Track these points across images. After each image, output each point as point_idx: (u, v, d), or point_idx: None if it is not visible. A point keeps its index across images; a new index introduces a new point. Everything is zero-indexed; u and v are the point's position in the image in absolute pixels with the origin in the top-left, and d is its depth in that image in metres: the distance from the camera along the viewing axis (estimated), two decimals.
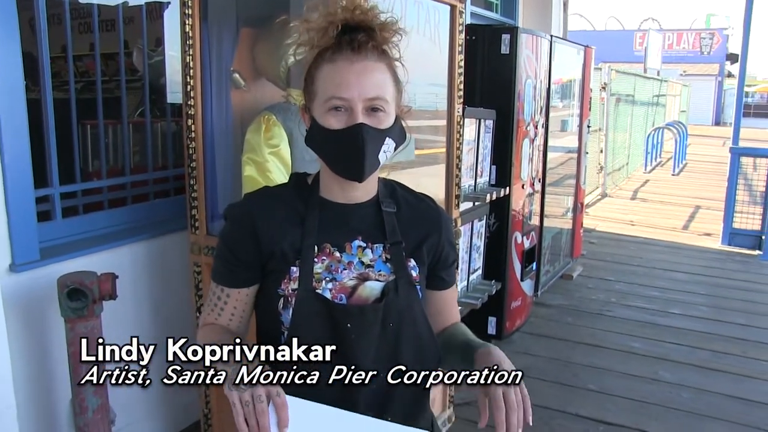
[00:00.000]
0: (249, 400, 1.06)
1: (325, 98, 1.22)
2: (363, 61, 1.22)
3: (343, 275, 1.28)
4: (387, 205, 1.34)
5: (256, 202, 1.33)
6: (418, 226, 1.36)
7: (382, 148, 1.25)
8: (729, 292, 5.48)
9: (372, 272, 1.29)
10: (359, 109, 1.21)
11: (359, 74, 1.21)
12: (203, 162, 2.52)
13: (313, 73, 1.26)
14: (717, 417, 3.35)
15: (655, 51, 17.56)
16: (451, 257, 1.43)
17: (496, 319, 4.16)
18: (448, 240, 1.42)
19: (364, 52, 1.22)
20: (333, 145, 1.23)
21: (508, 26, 4.80)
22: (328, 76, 1.23)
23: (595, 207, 9.06)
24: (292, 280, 1.26)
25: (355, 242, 1.30)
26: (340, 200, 1.32)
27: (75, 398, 2.34)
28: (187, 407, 3.01)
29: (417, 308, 1.31)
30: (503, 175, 4.03)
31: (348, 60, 1.21)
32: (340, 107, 1.21)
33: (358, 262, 1.29)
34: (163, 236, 2.90)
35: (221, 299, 1.34)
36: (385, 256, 1.31)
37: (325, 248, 1.28)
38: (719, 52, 31.27)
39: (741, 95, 7.01)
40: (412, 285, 1.31)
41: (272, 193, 1.37)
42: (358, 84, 1.21)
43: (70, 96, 2.71)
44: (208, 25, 2.52)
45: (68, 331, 2.29)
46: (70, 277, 2.26)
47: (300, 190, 1.34)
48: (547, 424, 3.24)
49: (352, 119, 1.21)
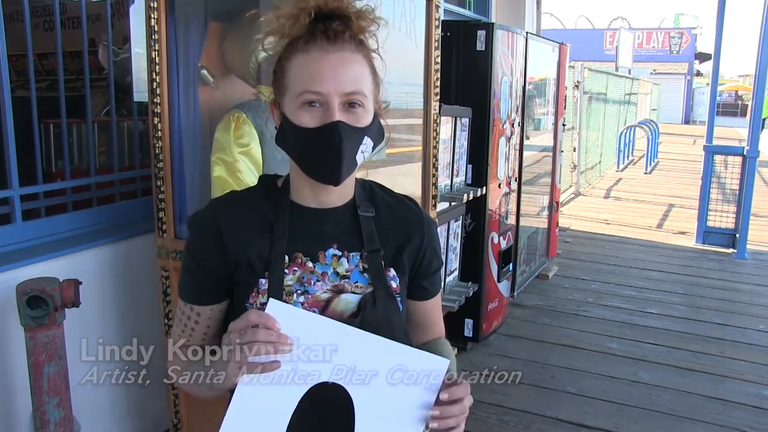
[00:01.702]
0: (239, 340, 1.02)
1: (298, 92, 1.11)
2: (339, 51, 1.11)
3: (316, 287, 1.17)
4: (364, 209, 1.23)
5: (220, 209, 1.22)
6: (398, 231, 1.26)
7: (360, 148, 1.14)
8: (705, 290, 5.49)
9: (348, 284, 1.19)
10: (335, 105, 1.10)
11: (335, 66, 1.10)
12: (170, 162, 2.42)
13: (284, 64, 1.15)
14: (697, 419, 3.32)
15: (626, 49, 17.71)
16: (434, 265, 1.33)
17: (472, 321, 4.09)
18: (431, 246, 1.30)
19: (341, 42, 1.12)
20: (306, 145, 1.12)
21: (484, 22, 4.74)
22: (301, 67, 1.11)
23: (569, 206, 9.08)
24: (260, 293, 1.15)
25: (329, 251, 1.20)
26: (312, 204, 1.21)
27: (36, 411, 2.23)
28: (155, 416, 2.91)
29: (396, 322, 1.21)
30: (479, 175, 3.97)
31: (323, 50, 1.11)
32: (314, 102, 1.10)
33: (332, 272, 1.19)
34: (130, 239, 2.79)
35: (191, 318, 1.22)
36: (362, 266, 1.20)
37: (296, 258, 1.18)
38: (688, 51, 31.67)
39: (714, 93, 7.04)
40: (392, 297, 1.21)
41: (239, 198, 1.26)
42: (334, 77, 1.10)
43: (31, 94, 2.59)
44: (175, 20, 2.42)
45: (28, 341, 2.17)
46: (30, 284, 2.15)
47: (269, 194, 1.23)
48: (526, 429, 3.19)
49: (328, 116, 1.10)
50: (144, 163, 3.04)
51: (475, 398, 3.58)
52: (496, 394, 3.50)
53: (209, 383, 1.09)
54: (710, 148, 6.89)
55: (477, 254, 4.09)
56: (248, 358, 1.00)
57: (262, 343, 1.00)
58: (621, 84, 14.16)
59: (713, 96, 7.02)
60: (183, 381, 1.20)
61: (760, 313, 4.96)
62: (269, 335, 1.01)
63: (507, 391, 3.56)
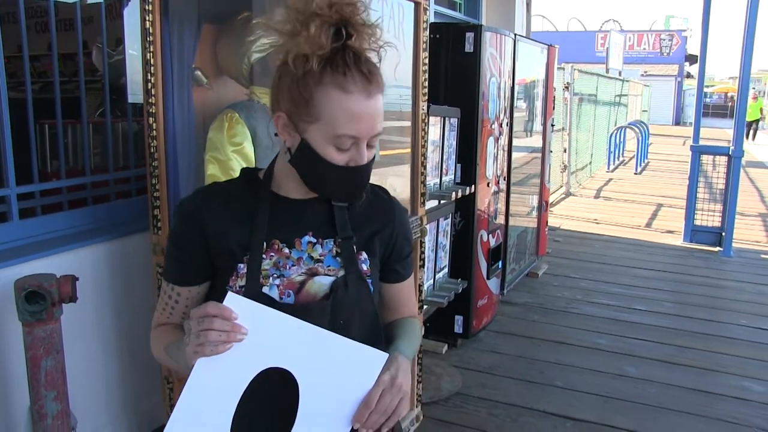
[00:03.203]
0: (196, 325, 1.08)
1: (335, 133, 1.14)
2: (376, 95, 1.17)
3: (291, 271, 1.25)
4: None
5: (204, 197, 1.29)
6: (370, 218, 1.34)
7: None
8: (691, 288, 5.58)
9: (321, 267, 1.26)
10: (364, 147, 1.18)
11: (374, 112, 1.16)
12: (165, 161, 2.47)
13: (312, 89, 1.14)
14: (681, 410, 3.40)
15: (617, 51, 17.80)
16: (405, 249, 1.41)
17: (462, 317, 4.16)
18: (402, 232, 1.39)
19: (376, 80, 1.17)
20: (332, 178, 1.19)
21: (472, 24, 4.80)
22: (342, 107, 1.13)
23: (559, 206, 9.16)
24: (239, 276, 1.23)
25: (305, 238, 1.27)
26: (293, 196, 1.28)
27: (33, 405, 2.27)
28: (151, 411, 2.96)
29: (367, 303, 1.29)
30: (468, 174, 4.03)
31: (364, 93, 1.14)
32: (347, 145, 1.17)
33: (307, 257, 1.26)
34: (125, 237, 2.84)
35: (172, 298, 1.30)
36: (335, 250, 1.28)
37: (273, 244, 1.25)
38: (678, 53, 31.85)
39: (701, 94, 7.14)
40: (362, 280, 1.28)
41: (222, 189, 1.32)
42: (371, 122, 1.16)
43: (27, 95, 2.64)
44: (169, 22, 2.47)
45: (26, 336, 2.22)
46: (28, 280, 2.20)
47: (250, 185, 1.30)
48: (515, 422, 3.26)
49: (358, 158, 1.18)
50: (138, 163, 3.09)
51: (464, 392, 3.65)
52: (486, 389, 3.57)
53: (184, 363, 1.16)
54: (697, 148, 6.99)
55: (466, 252, 4.16)
56: (203, 343, 1.08)
57: (216, 331, 1.07)
58: (611, 85, 14.26)
59: (699, 97, 7.12)
60: (164, 361, 1.29)
61: (744, 308, 5.06)
62: (224, 325, 1.08)
63: (496, 385, 3.63)
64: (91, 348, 2.74)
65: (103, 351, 2.80)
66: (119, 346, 2.86)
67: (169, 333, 1.29)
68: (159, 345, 1.30)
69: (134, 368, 2.93)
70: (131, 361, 2.91)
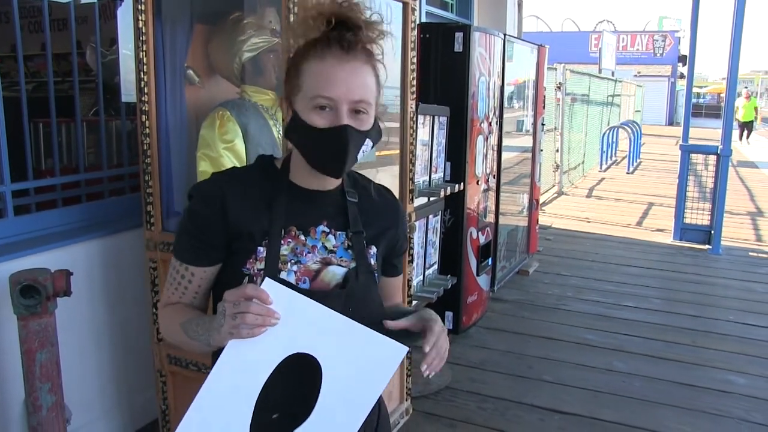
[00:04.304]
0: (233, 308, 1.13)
1: (311, 95, 1.23)
2: (352, 61, 1.23)
3: (307, 258, 1.31)
4: (351, 195, 1.38)
5: (225, 182, 1.33)
6: (379, 217, 1.41)
7: (361, 147, 1.28)
8: (680, 285, 5.64)
9: (334, 257, 1.33)
10: (344, 110, 1.22)
11: (348, 75, 1.22)
12: (158, 158, 2.52)
13: (299, 66, 1.26)
14: (667, 403, 3.45)
15: (610, 52, 17.91)
16: (404, 246, 1.51)
17: (452, 313, 4.21)
18: (403, 231, 1.49)
19: (353, 52, 1.23)
20: (315, 142, 1.25)
21: (462, 24, 4.86)
22: (317, 73, 1.23)
23: (551, 205, 9.21)
24: (258, 260, 1.28)
25: (319, 227, 1.33)
26: (309, 186, 1.34)
27: (28, 397, 2.32)
28: (144, 405, 3.00)
29: (374, 294, 1.37)
30: (458, 172, 4.09)
31: (338, 59, 1.22)
32: (325, 106, 1.23)
33: (321, 246, 1.33)
34: (119, 234, 2.89)
35: (185, 278, 1.34)
36: (347, 243, 1.35)
37: (291, 231, 1.31)
38: (671, 54, 31.97)
39: (690, 94, 7.20)
40: (371, 273, 1.36)
41: (240, 174, 1.38)
42: (345, 85, 1.22)
43: (21, 94, 2.68)
44: (162, 22, 2.53)
45: (21, 329, 2.27)
46: (23, 274, 2.25)
47: (267, 173, 1.36)
48: (502, 415, 3.31)
49: (337, 119, 1.22)
50: (132, 161, 3.13)
51: (454, 386, 3.69)
52: (475, 383, 3.62)
53: (206, 341, 1.21)
54: (686, 147, 7.05)
55: (456, 248, 4.21)
56: (239, 325, 1.13)
57: (253, 314, 1.12)
58: (604, 86, 14.33)
59: (688, 96, 7.19)
60: (177, 338, 1.32)
61: (731, 305, 5.12)
62: (260, 308, 1.13)
63: (485, 379, 3.68)
64: (85, 342, 2.79)
65: (97, 345, 2.84)
66: (113, 340, 2.91)
67: (185, 311, 1.33)
68: (173, 323, 1.32)
69: (127, 362, 2.97)
70: (125, 355, 2.96)
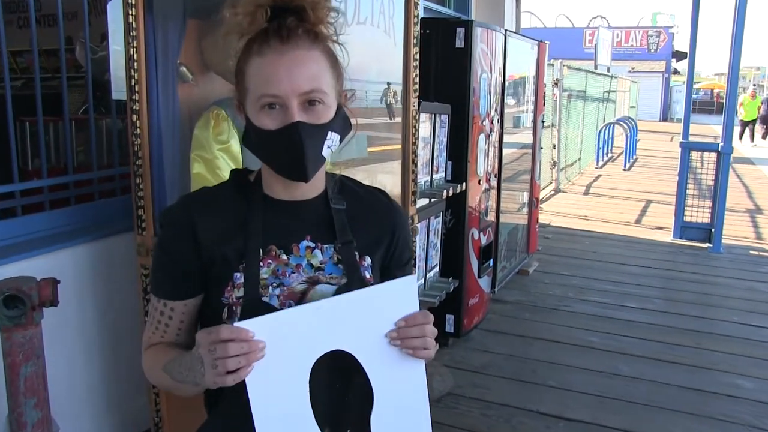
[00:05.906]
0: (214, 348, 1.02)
1: (256, 96, 1.12)
2: (293, 51, 1.11)
3: (291, 279, 1.18)
4: (336, 201, 1.25)
5: (193, 204, 1.22)
6: (372, 223, 1.28)
7: (324, 143, 1.15)
8: (681, 284, 5.56)
9: (322, 275, 1.20)
10: (294, 106, 1.11)
11: (290, 67, 1.10)
12: (149, 159, 2.41)
13: (243, 67, 1.15)
14: (674, 409, 3.37)
15: (605, 48, 17.83)
16: (405, 255, 1.35)
17: (453, 316, 4.12)
18: (403, 237, 1.33)
19: (294, 39, 1.11)
20: (270, 146, 1.14)
21: (463, 20, 4.76)
22: (258, 71, 1.12)
23: (549, 202, 9.14)
24: (236, 287, 1.16)
25: (303, 243, 1.21)
26: (285, 197, 1.22)
27: (12, 413, 2.20)
28: (136, 416, 2.90)
29: None
30: (459, 171, 3.99)
31: (277, 52, 1.11)
32: (273, 105, 1.11)
33: (306, 264, 1.20)
34: (109, 238, 2.77)
35: (165, 314, 1.22)
36: (336, 257, 1.22)
37: (270, 251, 1.18)
38: (665, 50, 32.00)
39: (690, 90, 7.13)
40: (365, 287, 1.21)
41: (211, 194, 1.26)
42: (289, 78, 1.10)
43: (6, 92, 2.57)
44: (153, 17, 2.41)
45: (4, 341, 2.15)
46: (7, 283, 2.13)
47: (241, 189, 1.24)
48: (508, 422, 3.22)
49: (288, 117, 1.11)
50: (123, 161, 3.02)
51: (456, 392, 3.60)
52: (478, 389, 3.53)
53: (193, 382, 1.09)
54: (686, 144, 6.97)
55: (457, 250, 4.11)
56: (222, 374, 1.02)
57: (233, 357, 1.01)
58: (600, 82, 14.27)
59: (688, 93, 7.12)
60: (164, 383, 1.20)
61: (735, 305, 5.04)
62: (239, 347, 1.01)
63: (489, 385, 3.59)
64: (74, 352, 2.68)
65: (86, 355, 2.73)
66: (103, 350, 2.80)
67: (166, 351, 1.21)
68: (155, 366, 1.21)
69: (118, 373, 2.87)
70: (115, 365, 2.85)
